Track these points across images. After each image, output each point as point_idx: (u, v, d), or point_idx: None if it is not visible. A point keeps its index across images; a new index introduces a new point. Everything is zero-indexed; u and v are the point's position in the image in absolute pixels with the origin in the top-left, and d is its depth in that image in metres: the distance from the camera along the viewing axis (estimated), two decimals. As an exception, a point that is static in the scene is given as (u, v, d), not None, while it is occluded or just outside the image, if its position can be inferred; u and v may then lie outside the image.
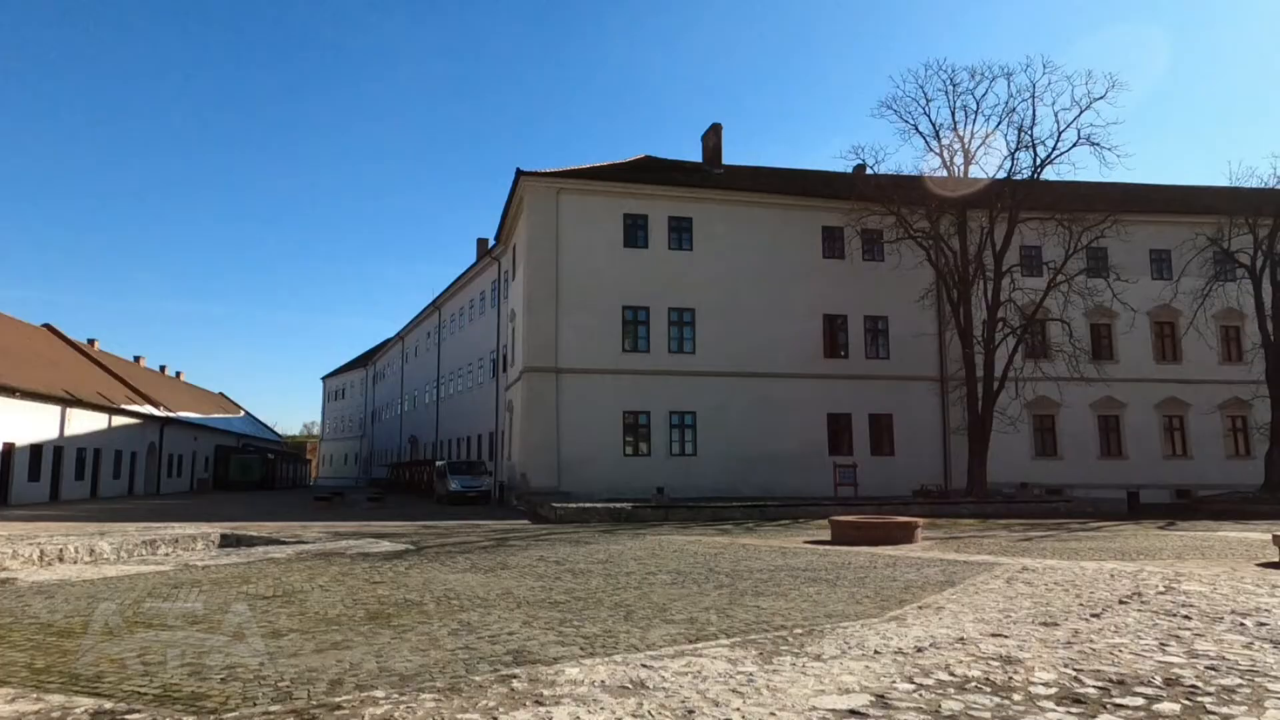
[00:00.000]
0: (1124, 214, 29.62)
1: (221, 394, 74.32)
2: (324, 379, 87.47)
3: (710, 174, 33.41)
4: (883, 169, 29.97)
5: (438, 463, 37.46)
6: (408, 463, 49.57)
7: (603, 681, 4.48)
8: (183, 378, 65.45)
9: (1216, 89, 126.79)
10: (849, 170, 32.81)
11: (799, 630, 6.10)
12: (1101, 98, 27.37)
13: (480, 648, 5.52)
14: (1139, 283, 31.51)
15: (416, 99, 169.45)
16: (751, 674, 4.55)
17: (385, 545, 13.76)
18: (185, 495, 41.68)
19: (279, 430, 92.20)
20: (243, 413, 73.64)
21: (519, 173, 29.25)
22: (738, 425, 28.74)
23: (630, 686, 4.37)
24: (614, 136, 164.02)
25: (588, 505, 22.16)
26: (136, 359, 55.04)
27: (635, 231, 29.64)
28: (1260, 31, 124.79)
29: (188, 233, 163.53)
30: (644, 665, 4.89)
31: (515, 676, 4.63)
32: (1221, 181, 34.23)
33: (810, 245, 30.77)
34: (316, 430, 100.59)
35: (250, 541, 14.65)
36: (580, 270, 28.76)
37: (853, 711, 3.77)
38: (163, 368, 61.76)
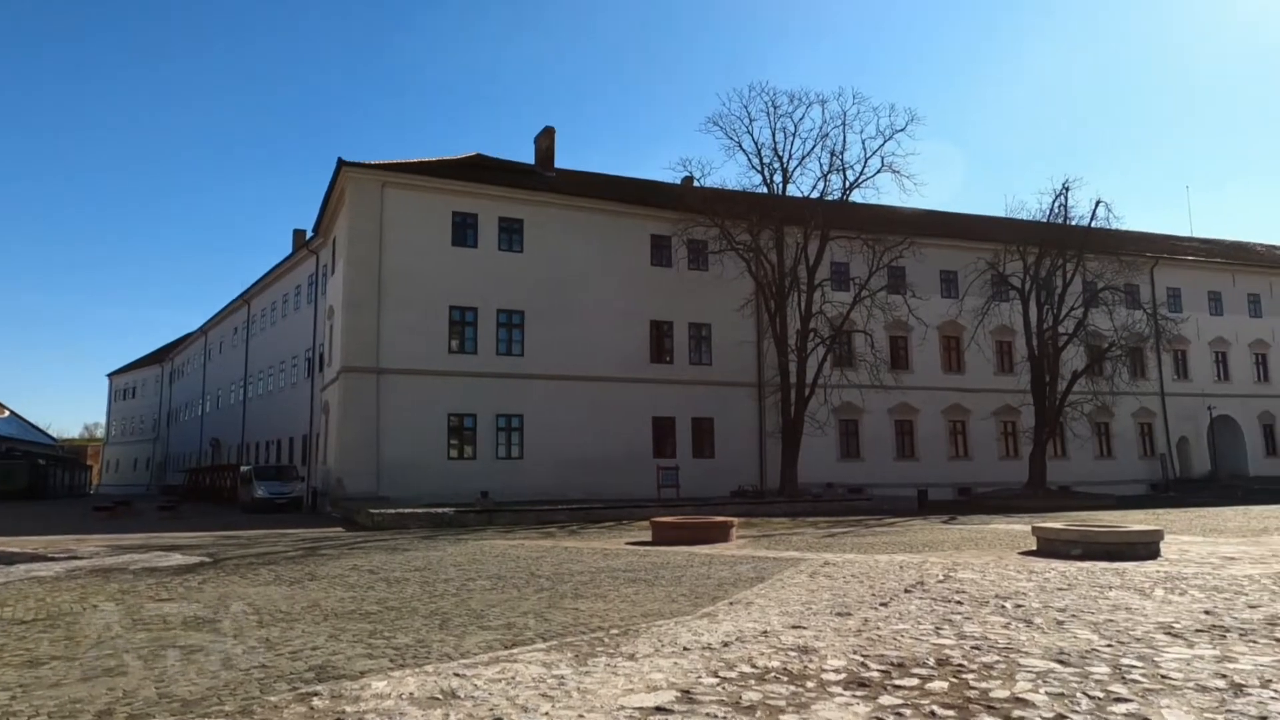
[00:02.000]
0: (920, 237, 32.53)
1: (-21, 391, 65.15)
2: (110, 376, 78.95)
3: (542, 177, 33.33)
4: (709, 182, 31.18)
5: (243, 467, 34.80)
6: (209, 468, 45.63)
7: (411, 694, 4.35)
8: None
9: (995, 132, 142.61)
10: (677, 182, 33.91)
11: (615, 631, 6.20)
12: (902, 130, 29.93)
13: (279, 665, 5.19)
14: (931, 300, 34.71)
15: (231, 81, 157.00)
16: (564, 677, 4.57)
17: (177, 558, 12.61)
18: (-71, 507, 36.11)
19: (53, 433, 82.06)
20: (6, 413, 64.91)
21: (341, 163, 27.82)
22: (565, 428, 28.82)
23: (440, 697, 4.27)
24: (444, 133, 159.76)
25: (408, 511, 21.40)
26: None
27: (464, 230, 29.03)
28: (1029, 86, 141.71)
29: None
30: (456, 674, 4.78)
31: (317, 694, 4.39)
32: (1000, 213, 38.36)
33: (639, 252, 31.43)
34: (100, 432, 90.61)
35: (8, 559, 12.93)
36: (405, 268, 27.77)
37: (659, 708, 3.88)
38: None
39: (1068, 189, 33.11)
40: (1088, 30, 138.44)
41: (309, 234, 37.08)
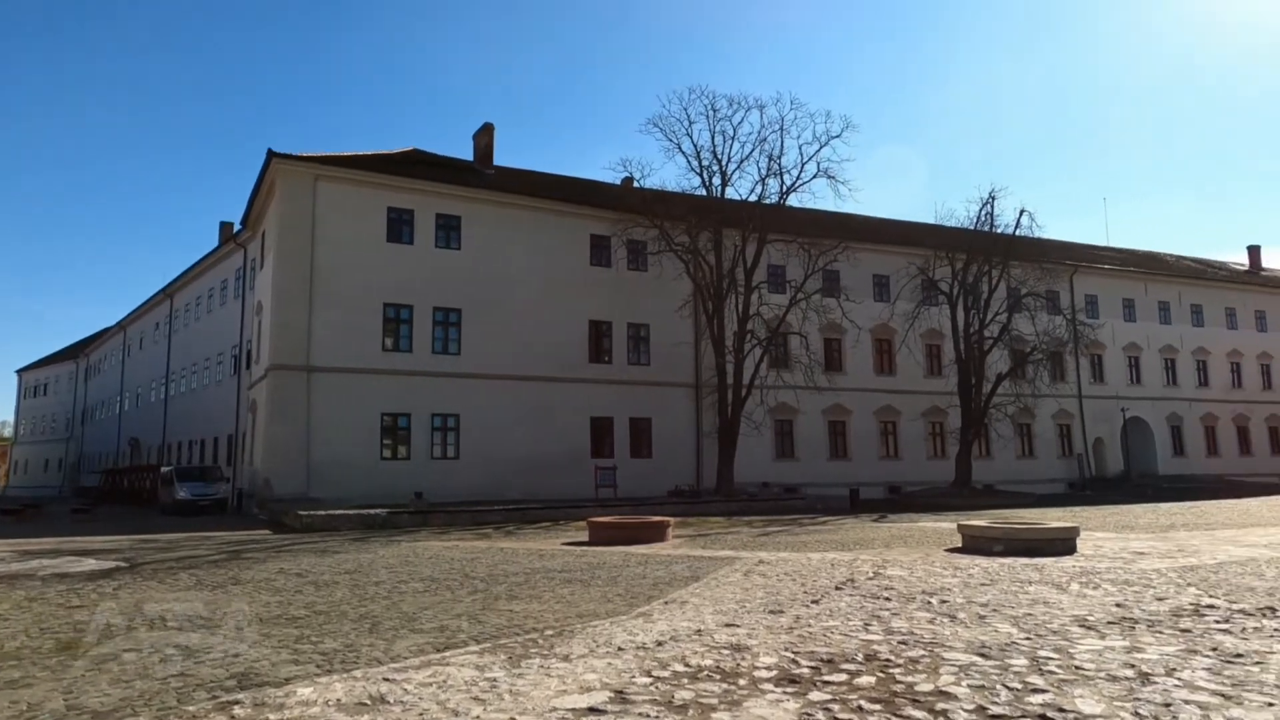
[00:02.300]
0: (854, 242, 33.25)
1: None
2: (20, 372, 75.03)
3: (481, 174, 32.95)
4: (649, 183, 31.26)
5: (164, 468, 33.47)
6: (127, 468, 43.72)
7: (338, 700, 4.24)
8: None
9: (928, 140, 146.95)
10: (617, 182, 33.91)
11: (550, 632, 6.17)
12: (837, 136, 30.55)
13: (199, 673, 5.00)
14: (864, 303, 35.49)
15: (156, 69, 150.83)
16: (496, 679, 4.52)
17: (90, 564, 12.06)
18: None
19: (-46, 432, 77.57)
20: (-97, 411, 61.06)
21: (271, 154, 27.00)
22: (503, 428, 28.54)
23: (369, 703, 4.18)
24: (380, 129, 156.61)
25: (338, 512, 20.90)
26: None
27: (400, 226, 28.48)
28: (958, 96, 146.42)
29: None
30: (386, 679, 4.69)
31: (238, 702, 4.25)
32: (930, 219, 39.46)
33: (579, 252, 31.33)
34: (8, 432, 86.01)
35: (-95, 566, 12.17)
36: (338, 263, 27.11)
37: (592, 709, 3.87)
38: None
39: (994, 198, 34.35)
40: (1014, 46, 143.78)
41: (237, 227, 35.87)
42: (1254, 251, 55.21)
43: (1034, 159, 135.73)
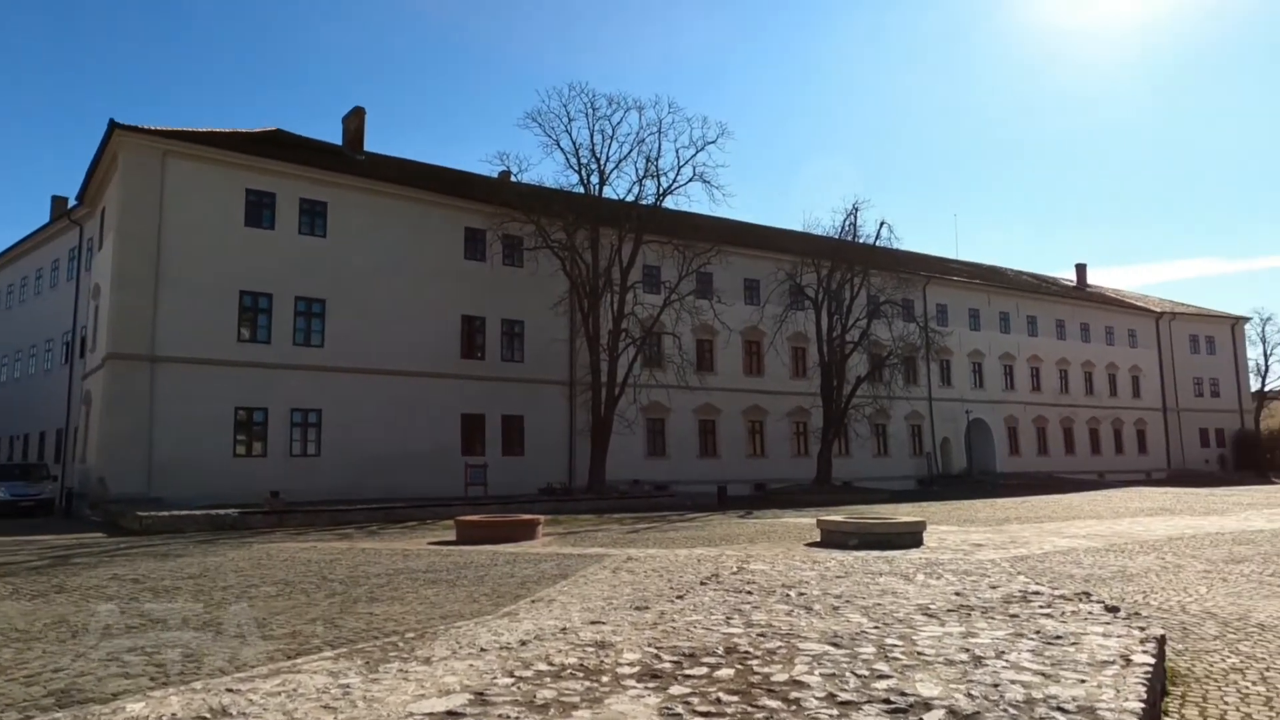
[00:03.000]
0: (726, 245, 34.20)
1: None
2: None
3: (350, 159, 31.60)
4: (526, 178, 31.00)
5: (-22, 466, 30.25)
6: (-68, 466, 39.17)
7: (174, 714, 3.95)
8: None
9: (798, 149, 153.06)
10: (494, 175, 33.37)
11: (411, 634, 5.99)
12: (713, 142, 31.32)
13: (10, 692, 4.54)
14: (735, 306, 36.55)
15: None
16: (350, 685, 4.34)
17: (-118, 573, 10.72)
18: None
19: None
20: None
21: (113, 125, 24.86)
22: (368, 424, 27.50)
23: (209, 716, 3.91)
24: (239, 107, 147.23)
25: (184, 513, 19.52)
26: None
27: (260, 210, 26.90)
28: (826, 109, 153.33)
29: None
30: (229, 690, 4.41)
31: (55, 722, 3.88)
32: (799, 227, 41.18)
33: (452, 245, 30.61)
34: None
35: None
36: (189, 246, 25.29)
37: (450, 712, 3.78)
38: None
39: (857, 209, 36.23)
40: (881, 68, 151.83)
41: (72, 202, 32.81)
42: (1081, 269, 60.71)
43: (895, 173, 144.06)
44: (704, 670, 4.59)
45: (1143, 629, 5.52)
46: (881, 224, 36.22)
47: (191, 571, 10.56)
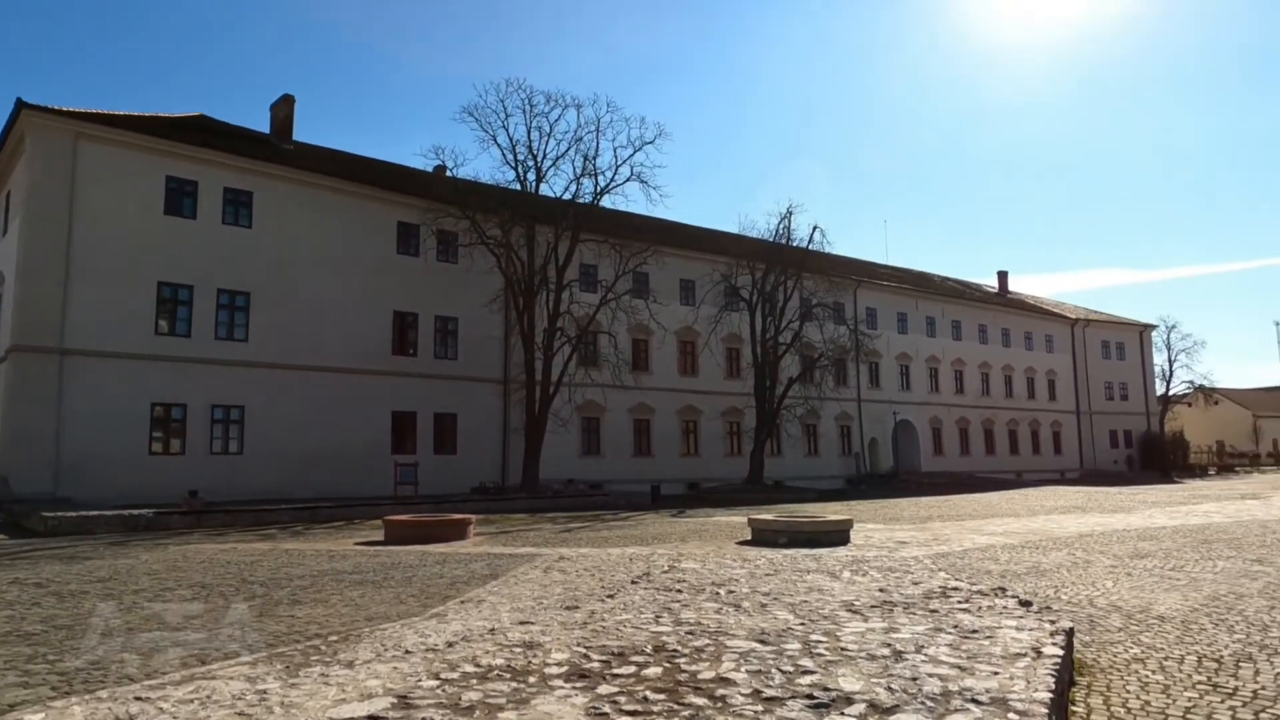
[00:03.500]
0: (663, 245, 34.38)
1: None
2: None
3: (278, 148, 30.65)
4: (462, 173, 30.55)
5: None
6: None
7: (76, 725, 3.77)
8: None
9: (734, 152, 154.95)
10: (429, 169, 32.85)
11: (334, 637, 5.84)
12: (651, 142, 31.41)
13: (-106, 705, 4.26)
14: (671, 306, 36.78)
15: None
16: (268, 691, 4.21)
17: None
18: None
19: None
20: None
21: (20, 105, 23.56)
22: (294, 422, 26.71)
23: (113, 726, 3.74)
24: (159, 89, 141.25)
25: (94, 514, 18.61)
26: None
27: (181, 198, 25.86)
28: (760, 111, 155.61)
29: None
30: (138, 698, 4.22)
31: (-56, 736, 3.66)
32: (734, 229, 41.69)
33: (385, 239, 29.98)
34: None
35: None
36: (103, 235, 24.15)
37: (371, 716, 3.70)
38: None
39: (791, 213, 36.86)
40: (812, 71, 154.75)
41: (-27, 185, 30.97)
42: (1002, 276, 62.99)
43: (828, 179, 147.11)
44: (632, 669, 4.60)
45: (1053, 622, 5.76)
46: (814, 228, 36.98)
47: (101, 575, 10.09)
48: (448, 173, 30.88)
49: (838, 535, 13.16)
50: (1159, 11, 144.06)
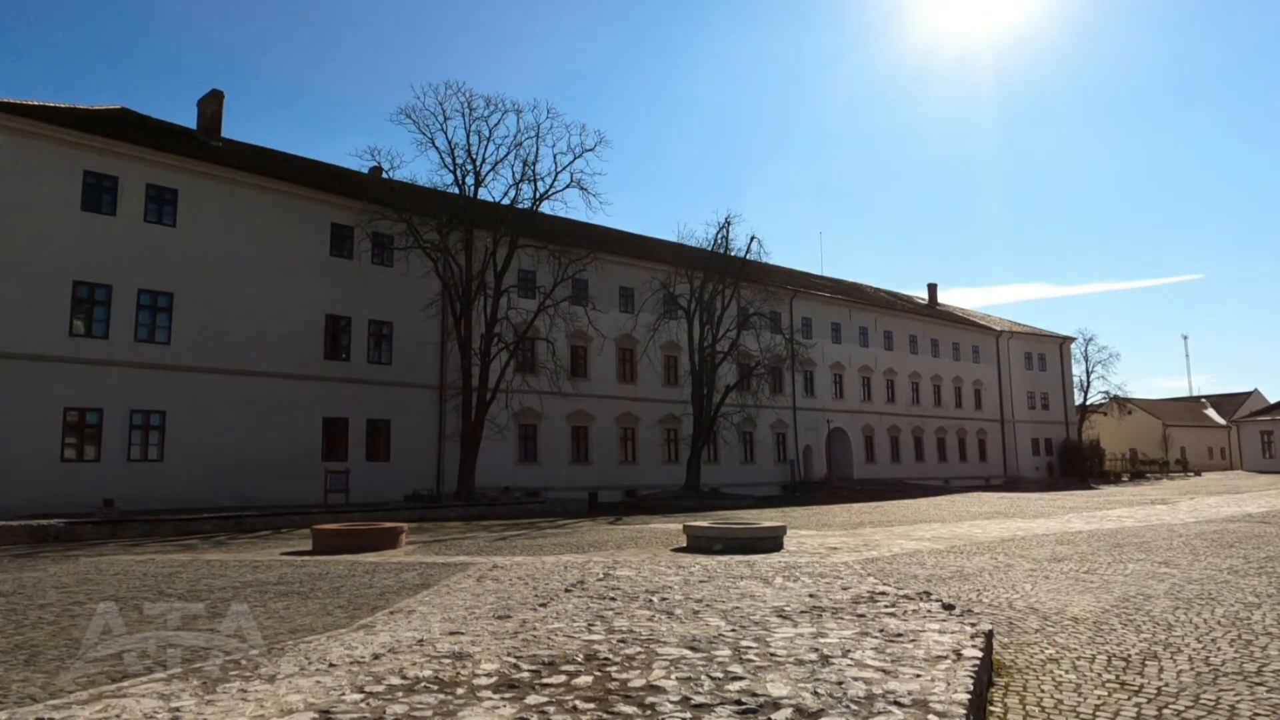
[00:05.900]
0: (602, 253, 34.36)
1: None
2: None
3: (205, 144, 29.65)
4: (399, 175, 30.07)
5: None
6: None
7: (-30, 749, 3.56)
8: None
9: (673, 162, 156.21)
10: (365, 171, 32.20)
11: (255, 651, 5.65)
12: (591, 149, 31.39)
13: None
14: (610, 313, 36.78)
15: None
16: (181, 709, 4.05)
17: None
18: None
19: None
20: None
21: (-76, 91, 22.31)
22: (219, 428, 25.79)
23: (12, 749, 3.55)
24: (79, 80, 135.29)
25: (-1, 524, 17.65)
26: None
27: (99, 194, 24.78)
28: (701, 122, 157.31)
29: None
30: (40, 719, 4.02)
31: None
32: (673, 238, 41.97)
33: (317, 241, 29.25)
34: None
35: None
36: (12, 230, 22.96)
37: (292, 732, 3.60)
38: None
39: (729, 223, 37.30)
40: (751, 85, 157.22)
41: None
42: (932, 289, 64.86)
43: (765, 190, 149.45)
44: (562, 678, 4.58)
45: (974, 625, 5.95)
46: (752, 238, 37.48)
47: (4, 589, 9.57)
48: (384, 175, 30.34)
49: (771, 541, 13.33)
50: (1080, 41, 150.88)
